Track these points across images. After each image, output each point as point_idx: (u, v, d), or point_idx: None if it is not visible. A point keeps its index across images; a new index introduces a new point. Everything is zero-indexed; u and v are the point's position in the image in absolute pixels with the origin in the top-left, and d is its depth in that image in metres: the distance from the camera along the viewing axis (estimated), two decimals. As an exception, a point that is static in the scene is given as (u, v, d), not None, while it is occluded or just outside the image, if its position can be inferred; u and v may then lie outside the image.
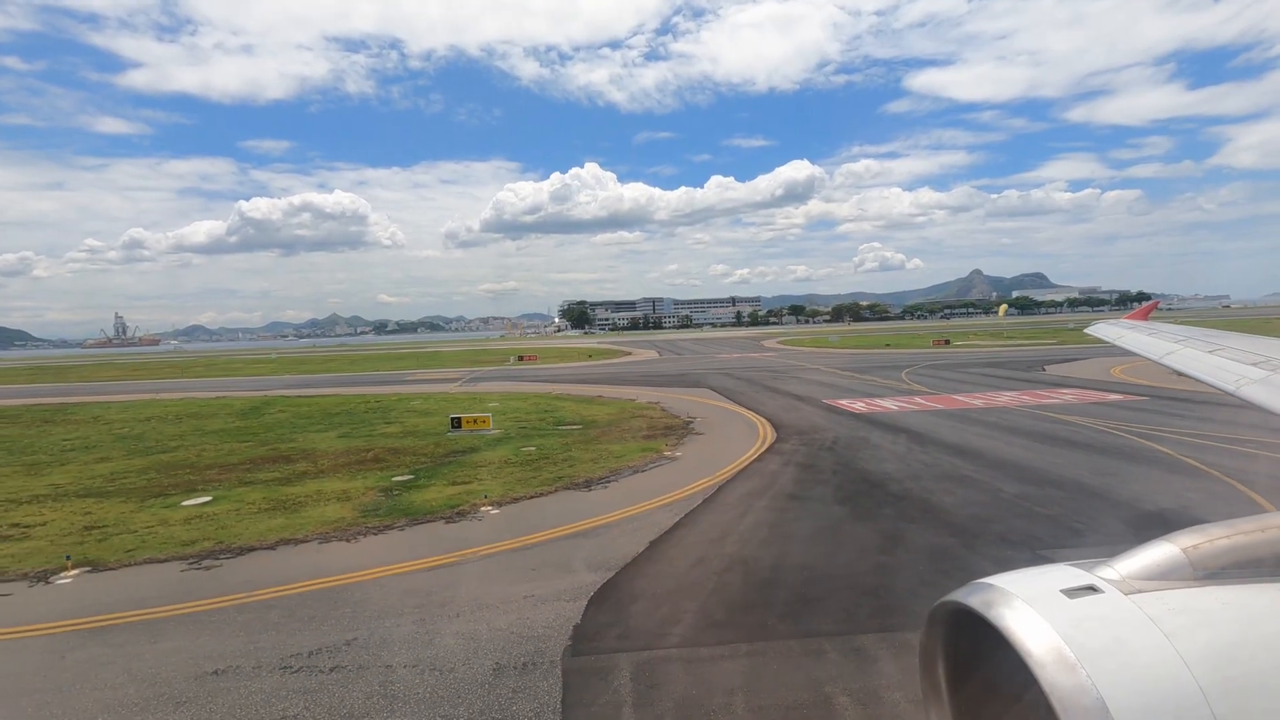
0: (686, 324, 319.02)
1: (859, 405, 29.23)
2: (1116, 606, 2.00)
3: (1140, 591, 2.04)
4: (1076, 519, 12.63)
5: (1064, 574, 2.17)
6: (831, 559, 11.00)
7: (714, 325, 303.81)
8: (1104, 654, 1.85)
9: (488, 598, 9.84)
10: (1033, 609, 1.98)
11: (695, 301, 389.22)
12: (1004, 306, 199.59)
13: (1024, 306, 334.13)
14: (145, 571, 11.65)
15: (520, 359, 79.14)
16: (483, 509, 14.75)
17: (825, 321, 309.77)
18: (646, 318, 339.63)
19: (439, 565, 11.35)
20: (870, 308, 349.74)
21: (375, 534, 13.26)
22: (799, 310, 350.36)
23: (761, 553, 11.37)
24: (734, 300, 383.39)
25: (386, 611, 9.48)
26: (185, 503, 16.21)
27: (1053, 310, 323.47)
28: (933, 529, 12.31)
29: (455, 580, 10.65)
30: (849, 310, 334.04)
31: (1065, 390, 31.83)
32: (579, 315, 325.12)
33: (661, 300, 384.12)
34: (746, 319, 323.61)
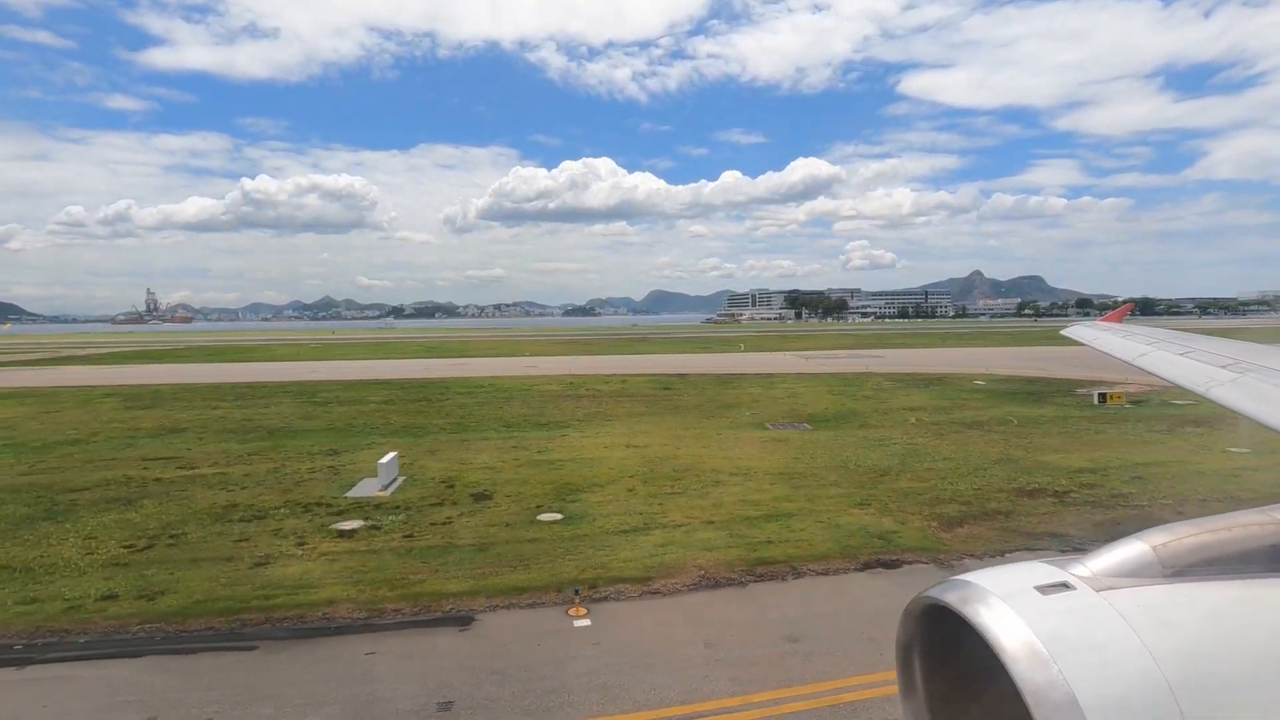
0: (962, 314, 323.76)
1: None
2: (1088, 603, 2.03)
3: (1111, 589, 2.07)
4: None
5: (1038, 571, 2.19)
6: None
7: (992, 316, 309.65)
8: (1076, 650, 1.88)
9: None
10: (1007, 605, 2.00)
11: (881, 293, 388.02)
12: None
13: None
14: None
15: None
16: None
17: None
18: (918, 307, 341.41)
19: None
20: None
21: None
22: (1087, 303, 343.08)
23: None
24: (927, 293, 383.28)
25: None
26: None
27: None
28: None
29: None
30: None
31: None
32: (838, 304, 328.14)
33: (857, 291, 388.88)
34: (1028, 312, 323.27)
